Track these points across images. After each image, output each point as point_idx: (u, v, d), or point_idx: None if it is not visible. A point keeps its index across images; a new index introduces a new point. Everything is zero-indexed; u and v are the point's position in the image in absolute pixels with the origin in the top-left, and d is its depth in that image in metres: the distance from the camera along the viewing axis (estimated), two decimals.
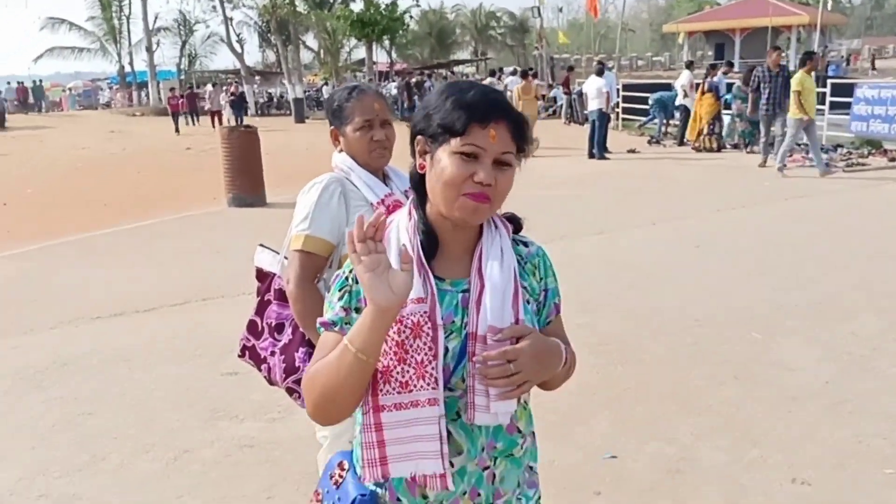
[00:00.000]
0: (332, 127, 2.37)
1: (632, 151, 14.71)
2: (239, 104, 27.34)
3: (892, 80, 17.36)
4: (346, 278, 1.41)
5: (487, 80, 24.91)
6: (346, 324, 1.36)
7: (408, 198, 2.46)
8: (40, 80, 45.07)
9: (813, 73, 11.19)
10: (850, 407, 3.81)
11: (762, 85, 12.34)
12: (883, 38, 59.60)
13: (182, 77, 43.01)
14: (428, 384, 1.31)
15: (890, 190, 10.06)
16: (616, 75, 20.88)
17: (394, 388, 1.32)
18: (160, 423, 3.88)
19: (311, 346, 2.29)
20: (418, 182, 1.42)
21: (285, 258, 2.35)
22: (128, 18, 42.31)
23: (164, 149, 19.66)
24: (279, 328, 2.41)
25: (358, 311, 1.37)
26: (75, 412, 4.04)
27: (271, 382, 2.45)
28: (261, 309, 2.48)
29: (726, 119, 15.14)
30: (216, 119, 25.63)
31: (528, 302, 1.44)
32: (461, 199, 1.31)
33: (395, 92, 29.38)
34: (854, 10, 65.65)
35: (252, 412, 3.88)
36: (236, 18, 38.31)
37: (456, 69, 42.37)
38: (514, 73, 28.92)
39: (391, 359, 1.32)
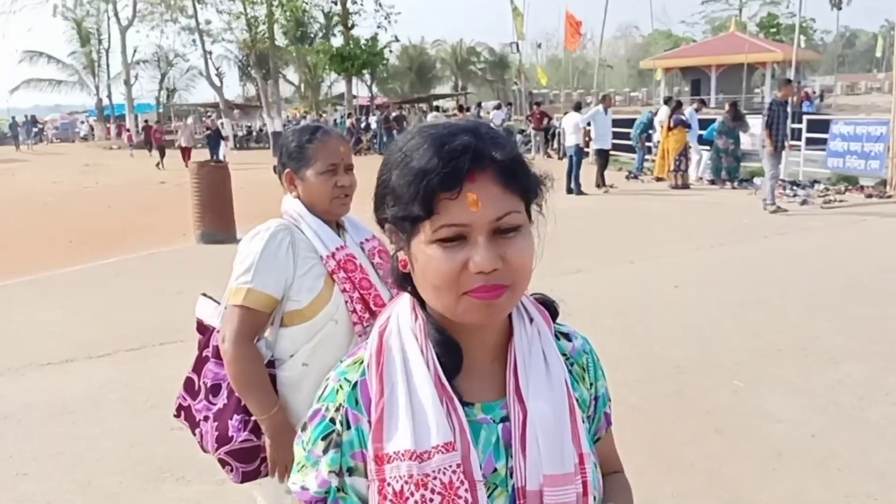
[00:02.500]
0: (288, 169, 2.15)
1: (610, 187, 14.62)
2: (215, 140, 25.44)
3: (866, 117, 17.52)
4: (332, 419, 0.98)
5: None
6: (339, 492, 0.97)
7: (363, 250, 2.27)
8: (28, 115, 43.37)
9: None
10: (839, 463, 3.59)
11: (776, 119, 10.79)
12: (854, 75, 60.79)
13: (160, 110, 42.86)
14: None
15: (868, 226, 9.98)
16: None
17: None
18: (99, 485, 3.57)
19: (246, 413, 2.05)
20: (403, 281, 1.01)
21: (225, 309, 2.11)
22: (107, 51, 42.22)
23: (139, 182, 19.36)
24: (215, 390, 2.15)
25: (352, 471, 0.97)
26: (9, 473, 3.73)
27: (204, 450, 2.20)
28: (198, 366, 2.23)
29: (705, 155, 15.09)
30: (186, 156, 22.08)
31: (584, 421, 1.06)
32: (463, 299, 0.91)
33: (374, 126, 29.35)
34: (827, 47, 67.05)
35: (200, 473, 3.58)
36: (216, 52, 38.57)
37: (436, 103, 42.49)
38: (498, 107, 29.04)
39: None
